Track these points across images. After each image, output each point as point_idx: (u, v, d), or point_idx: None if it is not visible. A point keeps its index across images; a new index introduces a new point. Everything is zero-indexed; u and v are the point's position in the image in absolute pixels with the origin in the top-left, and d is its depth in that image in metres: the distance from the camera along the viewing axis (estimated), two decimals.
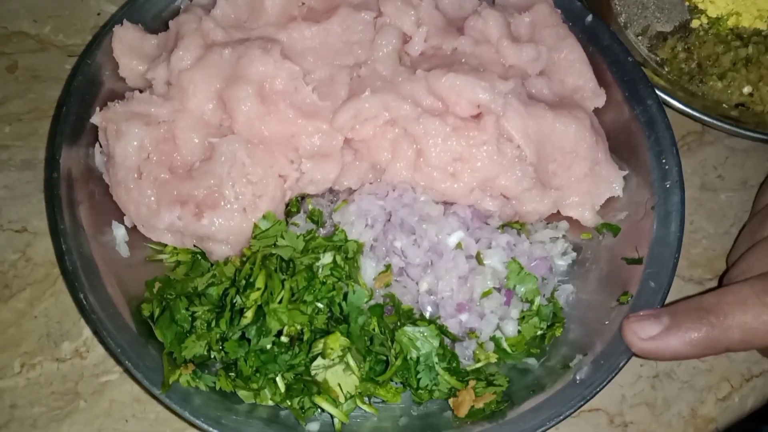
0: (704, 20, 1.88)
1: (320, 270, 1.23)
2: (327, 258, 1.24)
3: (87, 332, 1.44)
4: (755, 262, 1.34)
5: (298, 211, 1.40)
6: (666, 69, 1.83)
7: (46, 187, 1.58)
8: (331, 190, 1.42)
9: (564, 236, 1.46)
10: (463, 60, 1.45)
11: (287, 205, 1.40)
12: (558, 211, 1.47)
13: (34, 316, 1.46)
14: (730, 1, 1.89)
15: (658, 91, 1.58)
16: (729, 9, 1.88)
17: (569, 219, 1.48)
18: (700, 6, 1.91)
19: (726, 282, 1.41)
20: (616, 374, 1.24)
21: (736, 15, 1.87)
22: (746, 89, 1.76)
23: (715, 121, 1.65)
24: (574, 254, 1.46)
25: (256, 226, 1.29)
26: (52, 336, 1.44)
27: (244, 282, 1.21)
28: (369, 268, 1.28)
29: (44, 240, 1.53)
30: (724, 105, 1.75)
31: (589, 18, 1.60)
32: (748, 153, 1.74)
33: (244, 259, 1.27)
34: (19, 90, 1.70)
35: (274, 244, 1.24)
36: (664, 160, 1.44)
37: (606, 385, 1.24)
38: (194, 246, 1.36)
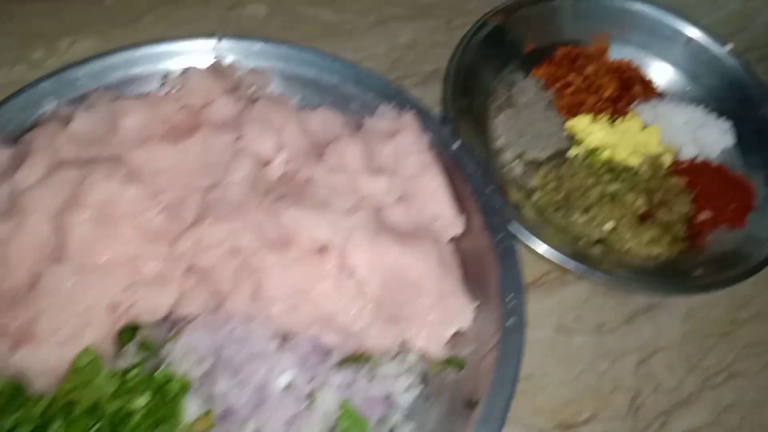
0: (581, 150, 1.85)
1: (133, 415, 1.18)
2: (142, 400, 1.18)
3: None
4: None
5: (131, 341, 1.35)
6: (535, 197, 1.79)
7: None
8: (170, 318, 1.38)
9: (411, 370, 1.44)
10: (315, 188, 1.46)
11: (120, 333, 1.35)
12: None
13: None
14: (610, 132, 1.85)
15: (519, 225, 1.60)
16: (606, 141, 1.84)
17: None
18: (579, 136, 1.88)
19: None
20: None
21: (613, 147, 1.83)
22: (608, 225, 1.69)
23: (564, 263, 1.54)
24: (421, 386, 1.44)
25: (73, 361, 1.24)
26: None
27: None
28: (191, 410, 1.23)
29: None
30: (583, 241, 1.68)
31: (457, 144, 1.64)
32: (608, 295, 1.68)
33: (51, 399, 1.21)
34: None
35: (84, 385, 1.19)
36: (511, 296, 1.45)
37: None
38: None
